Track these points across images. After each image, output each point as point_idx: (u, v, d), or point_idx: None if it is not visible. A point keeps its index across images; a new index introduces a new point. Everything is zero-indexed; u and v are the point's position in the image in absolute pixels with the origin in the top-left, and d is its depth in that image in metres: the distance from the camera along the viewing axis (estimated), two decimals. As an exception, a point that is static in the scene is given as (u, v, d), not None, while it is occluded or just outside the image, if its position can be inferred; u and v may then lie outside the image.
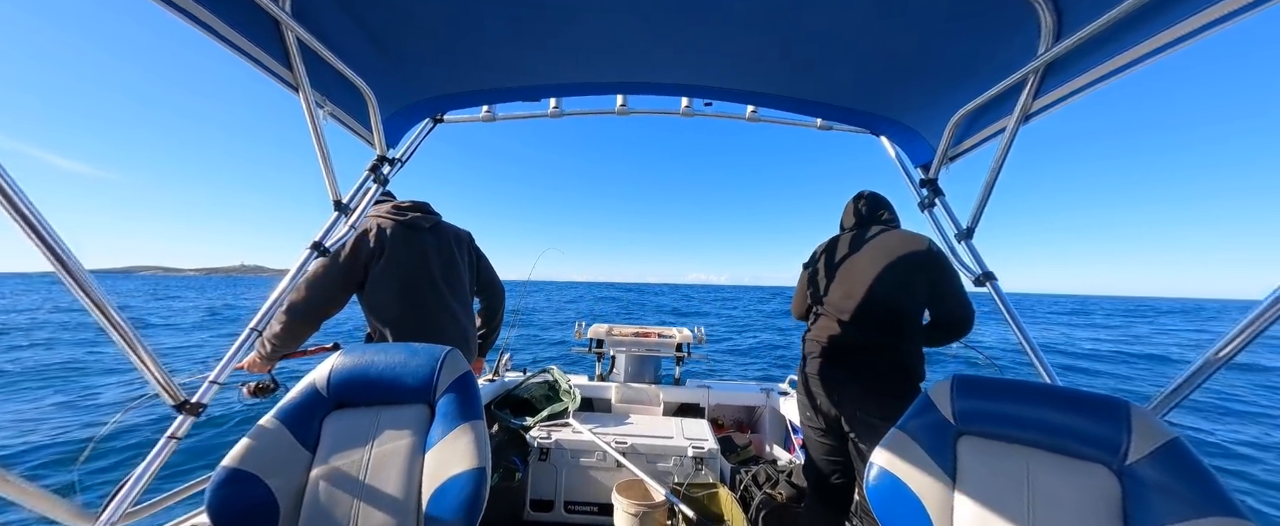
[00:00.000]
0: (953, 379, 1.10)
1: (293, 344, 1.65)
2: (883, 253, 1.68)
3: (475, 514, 1.05)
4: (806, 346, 1.83)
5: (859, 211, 1.89)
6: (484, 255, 2.11)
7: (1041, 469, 0.95)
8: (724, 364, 9.84)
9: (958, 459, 1.03)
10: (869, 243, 1.74)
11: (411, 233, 1.76)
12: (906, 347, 1.61)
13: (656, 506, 1.98)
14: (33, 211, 0.85)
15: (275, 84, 1.36)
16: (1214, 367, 1.00)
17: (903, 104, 1.79)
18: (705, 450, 2.31)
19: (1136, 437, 0.88)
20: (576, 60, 1.66)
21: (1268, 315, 0.93)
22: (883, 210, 1.86)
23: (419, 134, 2.02)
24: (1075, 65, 1.22)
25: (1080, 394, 0.99)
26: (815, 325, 1.81)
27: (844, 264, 1.77)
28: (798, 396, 1.83)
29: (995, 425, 1.02)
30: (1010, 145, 1.45)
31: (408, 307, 1.69)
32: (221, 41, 1.18)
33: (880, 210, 1.86)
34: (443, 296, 1.79)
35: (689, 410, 3.09)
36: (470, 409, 1.17)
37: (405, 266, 1.71)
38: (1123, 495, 0.87)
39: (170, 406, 1.15)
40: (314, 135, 1.45)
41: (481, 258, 2.09)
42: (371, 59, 1.58)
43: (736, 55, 1.59)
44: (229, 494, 1.03)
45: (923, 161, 1.90)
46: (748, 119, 2.17)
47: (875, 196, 1.91)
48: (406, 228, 1.76)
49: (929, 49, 1.45)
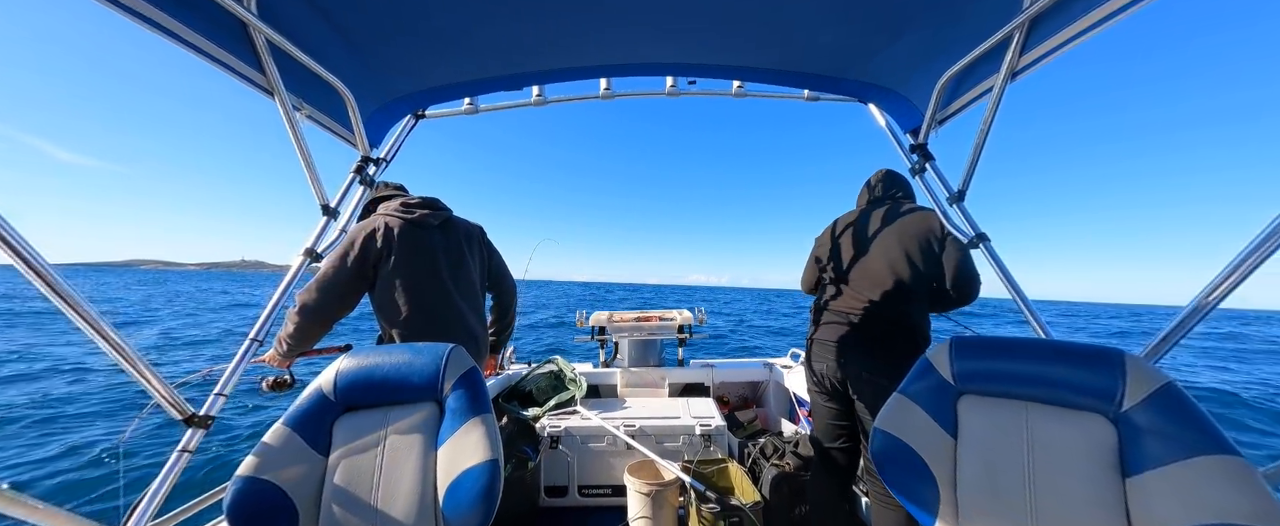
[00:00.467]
0: (950, 341, 1.12)
1: (306, 343, 1.67)
2: (889, 224, 1.73)
3: (491, 504, 1.07)
4: (815, 314, 1.89)
5: (872, 189, 1.94)
6: (496, 251, 2.07)
7: (1040, 421, 0.97)
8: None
9: (959, 418, 1.05)
10: (877, 215, 1.79)
11: (419, 231, 1.73)
12: (912, 311, 1.66)
13: (668, 484, 2.02)
14: (26, 247, 0.84)
15: (250, 89, 1.33)
16: (1205, 311, 1.02)
17: (889, 69, 1.78)
18: (712, 427, 2.35)
19: (1131, 384, 0.90)
20: (557, 44, 1.63)
21: (1254, 257, 0.95)
22: (896, 188, 1.90)
23: (402, 131, 1.99)
24: (1061, 17, 1.21)
25: (1075, 346, 1.01)
26: (826, 294, 1.86)
27: (854, 236, 1.83)
28: (805, 364, 1.88)
29: (994, 383, 1.05)
30: (998, 103, 1.44)
31: (415, 308, 1.68)
32: (187, 47, 1.15)
33: (894, 188, 1.90)
34: (450, 296, 1.77)
35: (694, 390, 3.13)
36: (478, 403, 1.18)
37: (412, 266, 1.69)
38: (1119, 441, 0.90)
39: (179, 421, 1.15)
40: (294, 140, 1.43)
41: (494, 253, 2.05)
42: (346, 57, 1.54)
43: (719, 29, 1.56)
44: (248, 502, 1.04)
45: (912, 127, 1.90)
46: (734, 95, 2.15)
47: (891, 175, 1.94)
48: (414, 226, 1.72)
49: (911, 10, 1.43)
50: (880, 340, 1.65)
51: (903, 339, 1.63)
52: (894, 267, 1.66)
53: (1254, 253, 0.95)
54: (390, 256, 1.66)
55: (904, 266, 1.65)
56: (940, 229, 1.65)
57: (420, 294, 1.70)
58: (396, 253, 1.66)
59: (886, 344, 1.63)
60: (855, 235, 1.83)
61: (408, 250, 1.68)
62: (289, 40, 1.31)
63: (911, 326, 1.64)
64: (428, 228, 1.76)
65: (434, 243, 1.76)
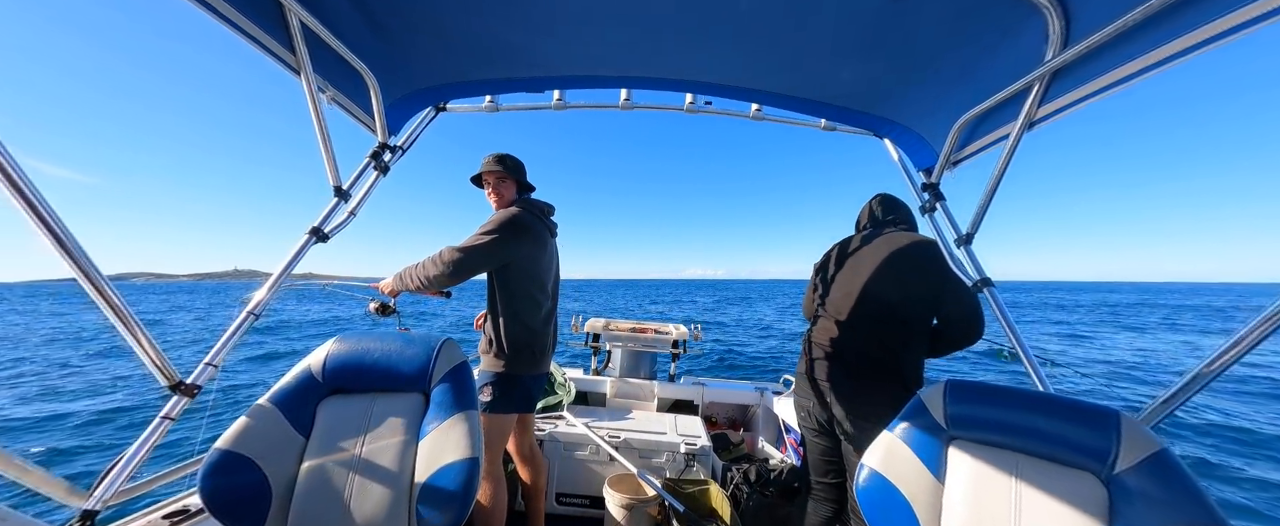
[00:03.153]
0: (946, 383, 1.11)
1: (428, 290, 1.73)
2: (882, 253, 1.65)
3: (466, 503, 1.06)
4: (805, 346, 1.82)
5: (873, 213, 1.85)
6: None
7: (1030, 475, 0.96)
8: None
9: (948, 463, 1.03)
10: (872, 243, 1.71)
11: (547, 238, 1.84)
12: (903, 352, 1.56)
13: (648, 500, 1.99)
14: (36, 195, 0.86)
15: (278, 67, 1.35)
16: (1205, 380, 1.01)
17: (907, 107, 1.79)
18: (697, 446, 2.32)
19: (1126, 447, 0.89)
20: (581, 52, 1.65)
21: (1258, 332, 0.94)
22: (894, 212, 1.81)
23: (421, 122, 2.01)
24: (1082, 72, 1.21)
25: (1072, 402, 0.99)
26: (815, 326, 1.79)
27: (847, 265, 1.75)
28: (794, 395, 1.84)
29: (986, 431, 1.03)
30: (1014, 151, 1.45)
31: (530, 306, 1.75)
32: (224, 22, 1.17)
33: (891, 213, 1.81)
34: (552, 301, 1.89)
35: (683, 407, 3.10)
36: (465, 399, 1.18)
37: (538, 268, 1.78)
38: (1109, 503, 0.88)
39: (165, 387, 1.15)
40: (315, 120, 1.45)
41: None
42: (375, 45, 1.56)
43: (742, 53, 1.58)
44: (222, 476, 1.03)
45: (925, 165, 1.90)
46: (752, 117, 2.16)
47: (889, 199, 1.85)
48: (546, 232, 1.84)
49: (935, 52, 1.44)
50: (867, 380, 1.56)
51: (890, 376, 1.54)
52: (883, 299, 1.59)
53: (1257, 328, 0.94)
54: (526, 253, 1.73)
55: (894, 297, 1.57)
56: (936, 258, 1.58)
57: (538, 294, 1.78)
58: (532, 252, 1.74)
59: (873, 385, 1.55)
60: (849, 264, 1.74)
61: (539, 253, 1.77)
62: (322, 24, 1.34)
63: (899, 368, 1.55)
64: (551, 236, 1.89)
65: (552, 251, 1.90)
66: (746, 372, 9.16)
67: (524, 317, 1.73)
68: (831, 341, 1.69)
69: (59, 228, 0.90)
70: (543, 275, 1.80)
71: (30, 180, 0.86)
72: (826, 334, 1.71)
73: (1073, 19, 1.15)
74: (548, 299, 1.85)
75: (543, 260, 1.79)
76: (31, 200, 0.86)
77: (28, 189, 0.86)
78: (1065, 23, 1.16)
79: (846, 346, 1.65)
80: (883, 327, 1.58)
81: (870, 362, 1.59)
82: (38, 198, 0.87)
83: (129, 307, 1.02)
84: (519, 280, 1.71)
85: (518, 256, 1.69)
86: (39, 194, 0.87)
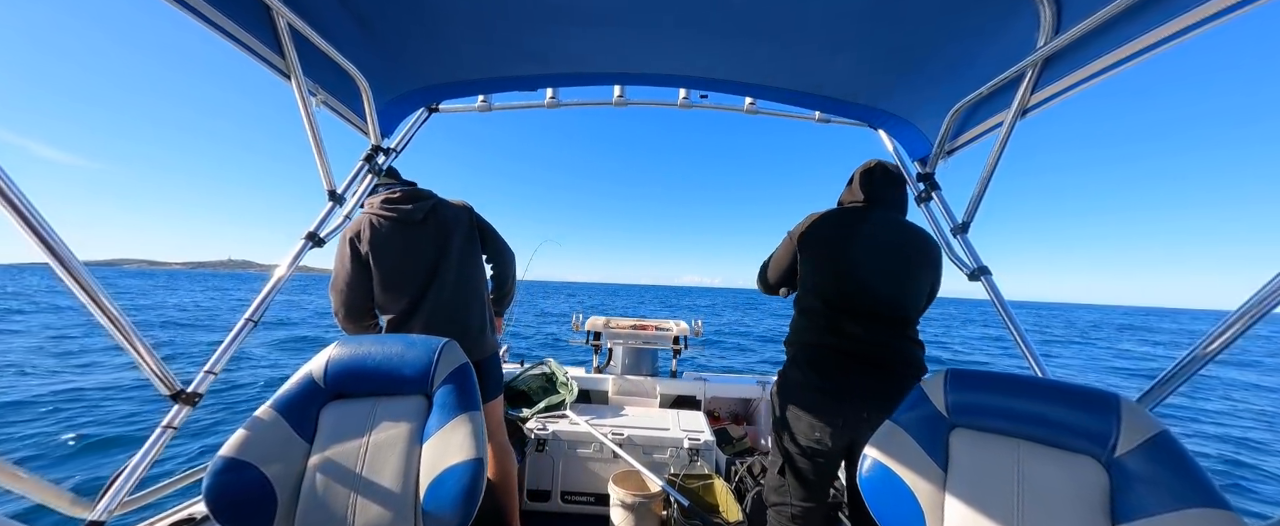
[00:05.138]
0: (947, 372, 1.11)
1: (363, 332, 1.73)
2: (898, 246, 1.48)
3: (472, 504, 1.06)
4: (797, 349, 1.52)
5: (874, 184, 1.58)
6: (488, 225, 1.99)
7: (1031, 461, 0.96)
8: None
9: (950, 451, 1.04)
10: (880, 230, 1.50)
11: (403, 227, 1.70)
12: (913, 351, 1.45)
13: (652, 496, 2.00)
14: (25, 203, 0.85)
15: (267, 71, 1.35)
16: (1202, 362, 1.01)
17: (901, 98, 1.79)
18: (701, 441, 2.33)
19: (1125, 430, 0.89)
20: (573, 50, 1.65)
21: (1254, 311, 0.94)
22: (894, 188, 1.60)
23: (414, 123, 2.00)
24: (1074, 58, 1.22)
25: (1072, 387, 1.00)
26: (810, 323, 1.51)
27: (848, 251, 1.49)
28: (781, 402, 1.53)
29: (987, 418, 1.04)
30: (1007, 139, 1.45)
31: (403, 306, 1.68)
32: (210, 26, 1.16)
33: (892, 188, 1.60)
34: (442, 291, 1.74)
35: (685, 402, 3.11)
36: (467, 400, 1.18)
37: (397, 264, 1.68)
38: (1110, 486, 0.88)
39: (165, 396, 1.15)
40: (307, 124, 1.44)
41: (485, 229, 1.97)
42: (365, 46, 1.56)
43: (735, 47, 1.58)
44: (226, 482, 1.03)
45: (920, 155, 1.90)
46: (746, 111, 2.16)
47: (889, 172, 1.61)
48: (397, 223, 1.69)
49: (927, 42, 1.44)
50: (887, 393, 1.31)
51: (908, 386, 1.21)
52: (899, 300, 1.44)
53: (1254, 307, 0.94)
54: (375, 256, 1.65)
55: (908, 298, 1.46)
56: (939, 258, 1.55)
57: (408, 290, 1.69)
58: (380, 252, 1.65)
59: (893, 394, 1.24)
60: (852, 251, 1.48)
61: (392, 248, 1.66)
62: (310, 26, 1.33)
63: (914, 371, 1.40)
64: (412, 223, 1.72)
65: (420, 237, 1.72)
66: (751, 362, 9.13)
67: (405, 304, 1.71)
68: (837, 344, 1.43)
69: (54, 241, 0.89)
70: (394, 275, 1.71)
71: (31, 205, 0.86)
72: (829, 334, 1.45)
73: (1063, 6, 1.15)
74: (409, 290, 1.71)
75: (388, 261, 1.68)
76: (32, 222, 0.86)
77: (25, 209, 0.85)
78: (1056, 10, 1.16)
79: (856, 350, 1.41)
80: (893, 326, 1.44)
81: (885, 369, 1.40)
82: (32, 214, 0.86)
83: (125, 317, 1.02)
84: (382, 281, 1.70)
85: (364, 274, 1.68)
86: (34, 210, 0.86)
